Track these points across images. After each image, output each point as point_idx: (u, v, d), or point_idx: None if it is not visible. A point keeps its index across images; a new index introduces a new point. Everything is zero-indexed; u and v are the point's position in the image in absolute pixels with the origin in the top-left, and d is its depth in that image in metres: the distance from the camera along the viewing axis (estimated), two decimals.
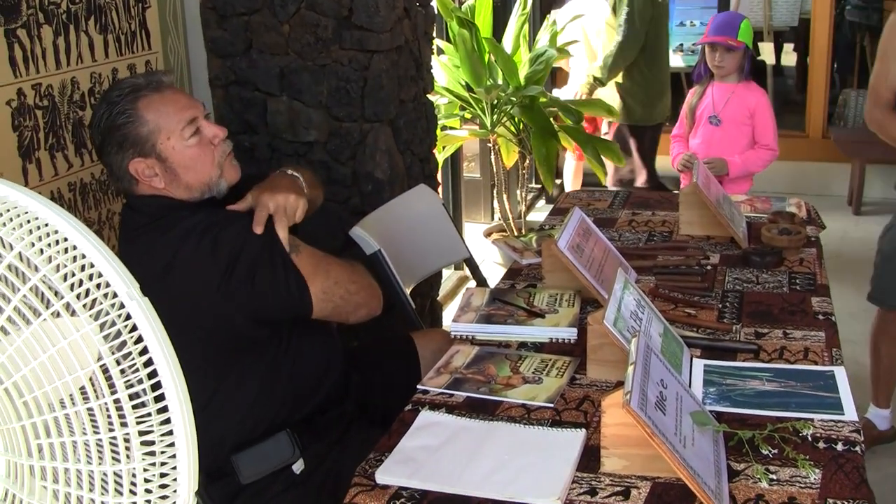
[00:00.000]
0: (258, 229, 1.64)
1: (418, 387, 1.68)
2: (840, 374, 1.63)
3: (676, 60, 5.18)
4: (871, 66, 2.91)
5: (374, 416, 1.87)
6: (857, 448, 1.41)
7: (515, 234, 4.26)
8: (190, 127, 1.68)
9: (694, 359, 1.71)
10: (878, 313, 2.79)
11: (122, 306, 0.98)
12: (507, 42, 4.15)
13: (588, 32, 4.48)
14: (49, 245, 0.99)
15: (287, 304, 1.66)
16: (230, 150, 1.76)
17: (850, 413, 1.50)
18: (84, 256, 0.98)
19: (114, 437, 0.99)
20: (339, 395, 1.84)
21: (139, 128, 1.64)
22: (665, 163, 4.05)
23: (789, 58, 6.61)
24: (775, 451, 1.40)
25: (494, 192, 4.38)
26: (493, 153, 4.19)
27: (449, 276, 4.31)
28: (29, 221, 0.99)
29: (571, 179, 4.90)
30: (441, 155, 3.99)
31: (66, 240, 0.99)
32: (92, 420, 0.99)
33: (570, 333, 1.84)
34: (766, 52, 5.90)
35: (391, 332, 2.23)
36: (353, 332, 2.01)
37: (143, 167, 1.66)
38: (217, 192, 1.73)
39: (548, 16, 4.43)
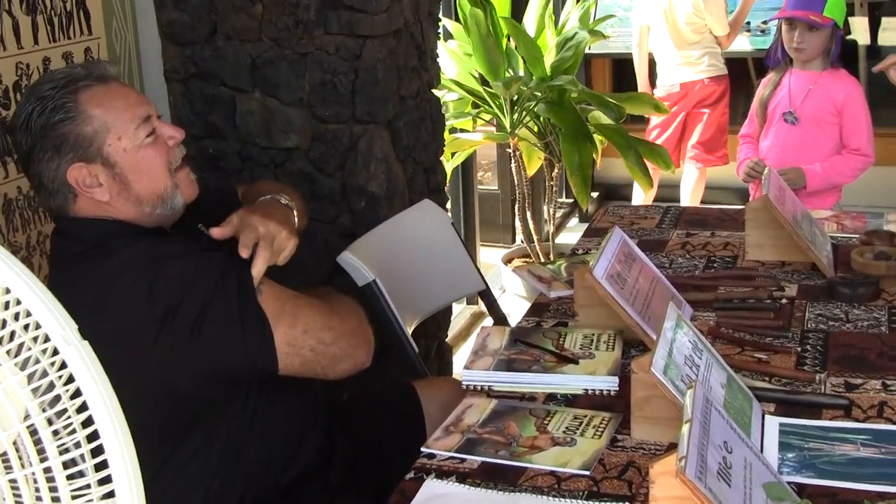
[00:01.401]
0: (244, 252, 1.64)
1: (422, 449, 1.68)
2: None
3: (742, 43, 5.16)
4: None
5: (365, 486, 1.88)
6: None
7: (541, 260, 4.27)
8: (145, 126, 1.68)
9: (766, 416, 1.71)
10: None
11: (55, 352, 0.98)
12: (530, 23, 4.18)
13: (677, 12, 4.61)
14: None
15: (243, 362, 1.64)
16: (182, 159, 1.76)
17: None
18: (9, 291, 0.99)
19: None
20: (321, 461, 1.84)
21: (82, 126, 1.63)
22: (730, 172, 4.05)
23: (889, 36, 6.56)
24: None
25: (516, 208, 4.39)
26: (513, 161, 4.22)
27: (460, 311, 4.32)
28: None
29: (690, 193, 4.88)
30: (450, 163, 4.01)
31: None
32: (15, 494, 1.00)
33: (609, 383, 1.84)
34: (859, 29, 5.81)
35: (388, 382, 2.23)
36: (340, 383, 2.01)
37: (85, 174, 1.65)
38: (171, 207, 1.73)
39: None
